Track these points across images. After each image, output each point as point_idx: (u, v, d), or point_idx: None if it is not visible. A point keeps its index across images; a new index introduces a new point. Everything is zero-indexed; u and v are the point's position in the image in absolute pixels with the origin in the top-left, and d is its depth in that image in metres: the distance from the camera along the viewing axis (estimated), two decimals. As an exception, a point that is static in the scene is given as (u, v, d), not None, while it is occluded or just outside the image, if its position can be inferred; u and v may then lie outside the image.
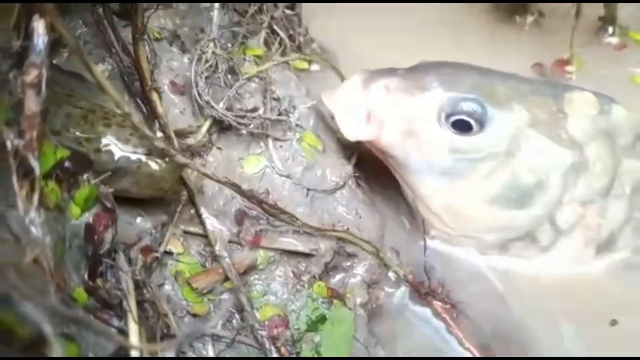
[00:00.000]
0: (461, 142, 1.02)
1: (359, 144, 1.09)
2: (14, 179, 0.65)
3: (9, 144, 0.66)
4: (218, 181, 0.89)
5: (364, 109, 1.03)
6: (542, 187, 1.03)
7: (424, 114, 1.02)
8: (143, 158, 0.86)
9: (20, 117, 0.69)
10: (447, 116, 1.01)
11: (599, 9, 1.37)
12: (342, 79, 1.19)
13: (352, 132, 1.05)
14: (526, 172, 1.03)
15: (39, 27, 0.68)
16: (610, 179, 1.06)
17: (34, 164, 0.65)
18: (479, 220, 1.06)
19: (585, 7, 1.30)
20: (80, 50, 0.65)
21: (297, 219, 0.99)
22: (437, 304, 1.02)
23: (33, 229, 0.63)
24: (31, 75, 0.67)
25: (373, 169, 1.15)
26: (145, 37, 0.94)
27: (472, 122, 1.01)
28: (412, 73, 1.05)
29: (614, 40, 1.39)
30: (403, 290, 1.06)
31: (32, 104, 0.67)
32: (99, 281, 0.78)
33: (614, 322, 1.03)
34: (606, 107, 1.08)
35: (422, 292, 1.02)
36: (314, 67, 1.33)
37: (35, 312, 0.54)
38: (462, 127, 1.02)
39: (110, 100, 0.77)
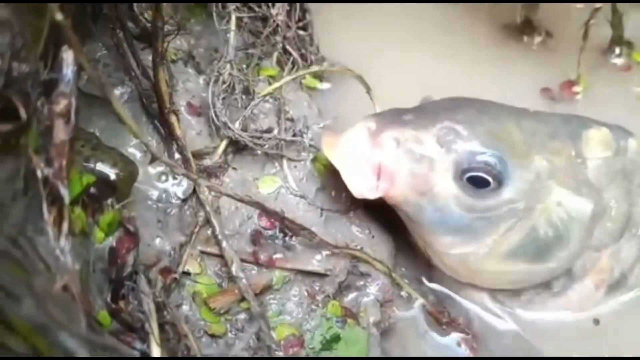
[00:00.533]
0: (478, 201, 0.95)
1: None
2: (44, 206, 0.67)
3: (39, 173, 0.68)
4: (241, 200, 0.91)
5: (373, 164, 0.96)
6: (562, 240, 0.98)
7: (439, 170, 0.95)
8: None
9: (49, 145, 0.70)
10: (463, 172, 0.94)
11: (606, 30, 1.38)
12: (367, 88, 1.16)
13: (361, 190, 0.97)
14: (545, 226, 0.97)
15: (68, 57, 0.70)
16: (626, 220, 1.03)
17: (64, 192, 0.66)
18: (493, 274, 1.02)
19: (593, 28, 1.32)
20: (104, 85, 0.66)
21: (316, 235, 1.00)
22: (458, 334, 1.02)
23: (63, 257, 0.65)
24: (61, 105, 0.69)
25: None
26: (164, 60, 0.96)
27: (489, 178, 0.94)
28: (423, 120, 0.96)
29: (621, 61, 1.41)
30: (416, 310, 1.07)
31: (62, 132, 0.69)
32: (121, 303, 0.80)
33: (596, 322, 1.04)
34: (622, 144, 1.05)
35: (443, 321, 1.02)
36: (325, 85, 1.36)
37: (69, 341, 0.55)
38: (479, 183, 0.94)
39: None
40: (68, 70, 0.69)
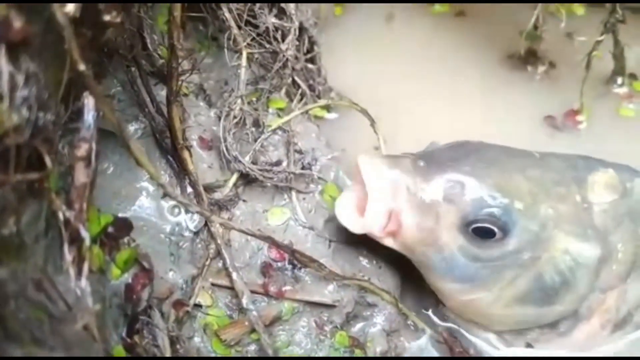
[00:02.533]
0: (484, 251, 0.96)
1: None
2: (65, 247, 0.69)
3: (60, 215, 0.70)
4: (253, 235, 0.93)
5: (387, 207, 0.97)
6: (569, 286, 0.99)
7: (445, 223, 0.96)
8: None
9: (69, 187, 0.73)
10: (469, 224, 0.95)
11: (608, 60, 1.41)
12: (371, 121, 1.18)
13: (371, 225, 0.99)
14: (552, 273, 0.98)
15: (89, 103, 0.72)
16: (632, 262, 1.03)
17: (84, 234, 0.69)
18: (500, 317, 1.03)
19: (595, 58, 1.34)
20: (123, 134, 0.69)
21: (325, 267, 1.02)
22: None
23: (83, 297, 0.67)
24: (82, 149, 0.71)
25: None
26: (178, 98, 0.99)
27: (495, 229, 0.95)
28: (431, 171, 0.97)
29: (623, 90, 1.43)
30: (423, 340, 1.09)
31: (82, 175, 0.71)
32: (136, 338, 0.82)
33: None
34: (628, 185, 1.04)
35: (456, 350, 1.04)
36: (333, 115, 1.38)
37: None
38: (484, 233, 0.95)
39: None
40: (89, 116, 0.72)
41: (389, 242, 1.02)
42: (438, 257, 0.98)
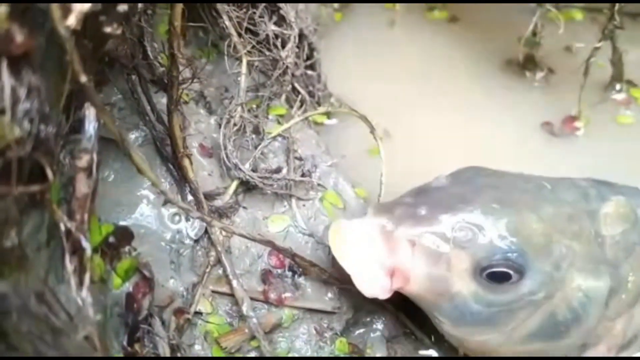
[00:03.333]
0: (498, 295, 0.92)
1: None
2: (67, 258, 0.70)
3: (61, 225, 0.71)
4: (253, 239, 0.94)
5: (387, 267, 0.91)
6: (580, 321, 0.96)
7: (456, 271, 0.90)
8: None
9: (71, 198, 0.73)
10: (483, 270, 0.90)
11: (606, 67, 1.41)
12: (371, 128, 1.15)
13: (373, 292, 0.92)
14: (564, 310, 0.95)
15: (90, 114, 0.73)
16: (639, 289, 1.00)
17: (86, 244, 0.69)
18: (510, 353, 1.00)
19: (594, 64, 1.35)
20: (124, 142, 0.70)
21: (326, 271, 1.03)
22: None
23: (84, 308, 0.67)
24: (83, 160, 0.72)
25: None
26: (178, 106, 0.99)
27: (511, 272, 0.90)
28: (438, 216, 0.91)
29: (621, 96, 1.44)
30: (422, 346, 1.10)
31: (83, 186, 0.72)
32: (137, 346, 0.82)
33: None
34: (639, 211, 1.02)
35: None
36: (332, 121, 1.39)
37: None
38: (499, 277, 0.91)
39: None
40: (90, 126, 0.72)
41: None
42: (449, 305, 0.93)
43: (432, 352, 1.08)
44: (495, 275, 0.90)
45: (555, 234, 0.94)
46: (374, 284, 0.91)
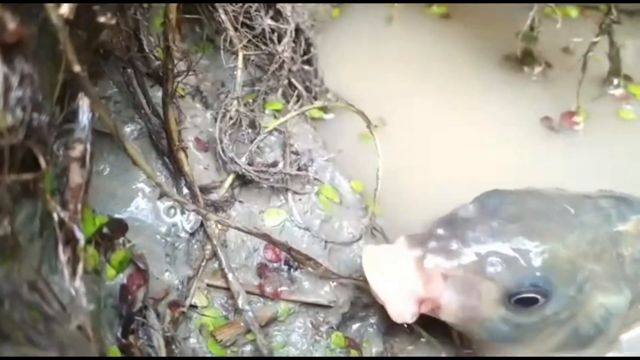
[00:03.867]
0: (525, 317, 0.98)
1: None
2: (60, 248, 0.70)
3: (55, 215, 0.70)
4: (249, 232, 0.93)
5: (419, 297, 0.97)
6: (602, 333, 1.02)
7: (487, 299, 0.96)
8: None
9: (64, 188, 0.73)
10: (511, 296, 0.95)
11: (604, 62, 1.41)
12: (368, 123, 1.14)
13: (404, 318, 0.98)
14: (587, 326, 1.01)
15: (84, 104, 0.73)
16: None
17: (79, 234, 0.69)
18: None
19: (592, 59, 1.35)
20: (119, 135, 0.69)
21: (322, 265, 1.03)
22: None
23: (78, 298, 0.67)
24: (76, 150, 0.71)
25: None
26: (174, 99, 0.99)
27: (538, 297, 0.96)
28: (467, 249, 0.96)
29: (619, 91, 1.44)
30: (418, 341, 1.09)
31: (77, 176, 0.72)
32: (131, 338, 0.82)
33: None
34: None
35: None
36: (329, 116, 1.39)
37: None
38: (526, 302, 0.96)
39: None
40: (84, 117, 0.72)
41: None
42: (479, 328, 1.00)
43: (429, 345, 1.08)
44: (523, 300, 0.96)
45: (579, 259, 1.00)
46: (404, 312, 0.97)
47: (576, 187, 1.21)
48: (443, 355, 1.09)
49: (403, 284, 0.96)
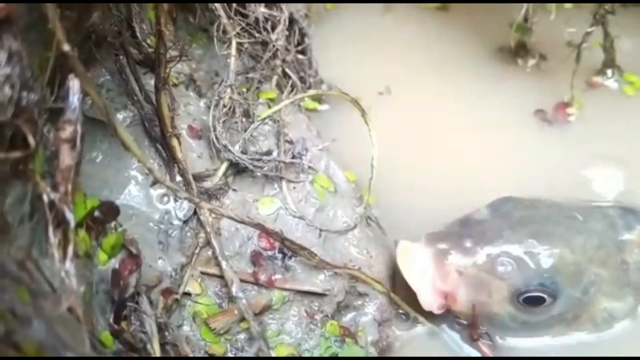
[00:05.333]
0: (532, 316, 1.05)
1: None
2: (50, 230, 0.69)
3: (45, 197, 0.70)
4: (242, 222, 0.93)
5: (440, 290, 1.04)
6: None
7: (496, 297, 1.04)
8: None
9: (55, 170, 0.72)
10: (519, 295, 1.02)
11: (599, 52, 1.41)
12: (362, 112, 1.12)
13: (432, 308, 1.06)
14: (590, 327, 1.08)
15: (75, 85, 0.72)
16: None
17: (69, 216, 0.68)
18: None
19: (586, 50, 1.35)
20: (109, 113, 0.69)
21: (316, 255, 1.02)
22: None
23: (68, 280, 0.66)
24: (67, 131, 0.71)
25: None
26: (166, 85, 0.98)
27: (545, 296, 1.03)
28: (480, 248, 1.04)
29: (613, 82, 1.44)
30: (414, 329, 1.09)
31: (67, 157, 0.71)
32: (123, 324, 0.81)
33: None
34: None
35: (479, 333, 1.07)
36: (324, 106, 1.38)
37: (75, 362, 0.57)
38: (534, 300, 1.03)
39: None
40: (74, 98, 0.71)
41: None
42: (489, 323, 1.06)
43: (427, 333, 1.09)
44: (530, 299, 1.03)
45: (585, 262, 1.06)
46: (432, 302, 1.04)
47: (568, 178, 1.22)
48: (445, 354, 1.08)
49: (425, 277, 1.03)
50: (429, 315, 1.07)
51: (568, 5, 1.54)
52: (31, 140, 0.63)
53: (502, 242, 1.04)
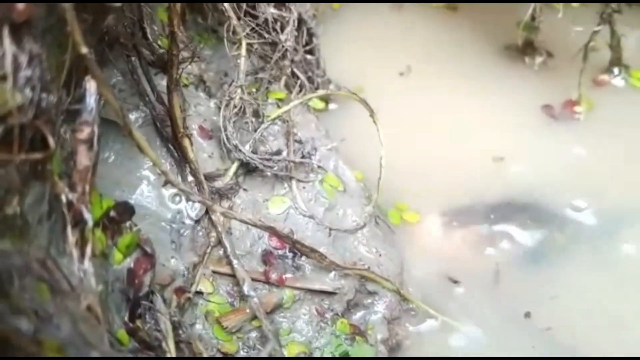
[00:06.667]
0: None
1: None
2: (68, 229, 0.70)
3: (63, 197, 0.70)
4: (254, 225, 0.93)
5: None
6: None
7: None
8: None
9: (72, 170, 0.73)
10: None
11: (605, 50, 1.42)
12: (370, 112, 1.15)
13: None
14: None
15: (91, 87, 0.73)
16: None
17: (87, 216, 0.69)
18: None
19: (593, 48, 1.35)
20: (124, 118, 0.70)
21: (326, 257, 1.03)
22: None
23: (86, 279, 0.67)
24: (84, 132, 0.72)
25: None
26: (178, 86, 0.99)
27: None
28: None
29: (620, 80, 1.44)
30: (424, 327, 1.10)
31: (84, 158, 0.72)
32: (138, 322, 0.82)
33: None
34: None
35: None
36: (332, 106, 1.39)
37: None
38: None
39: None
40: (91, 99, 0.72)
41: None
42: None
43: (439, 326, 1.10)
44: None
45: None
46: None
47: (576, 175, 1.23)
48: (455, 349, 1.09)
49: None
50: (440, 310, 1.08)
51: (575, 4, 1.55)
52: (51, 141, 0.63)
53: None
